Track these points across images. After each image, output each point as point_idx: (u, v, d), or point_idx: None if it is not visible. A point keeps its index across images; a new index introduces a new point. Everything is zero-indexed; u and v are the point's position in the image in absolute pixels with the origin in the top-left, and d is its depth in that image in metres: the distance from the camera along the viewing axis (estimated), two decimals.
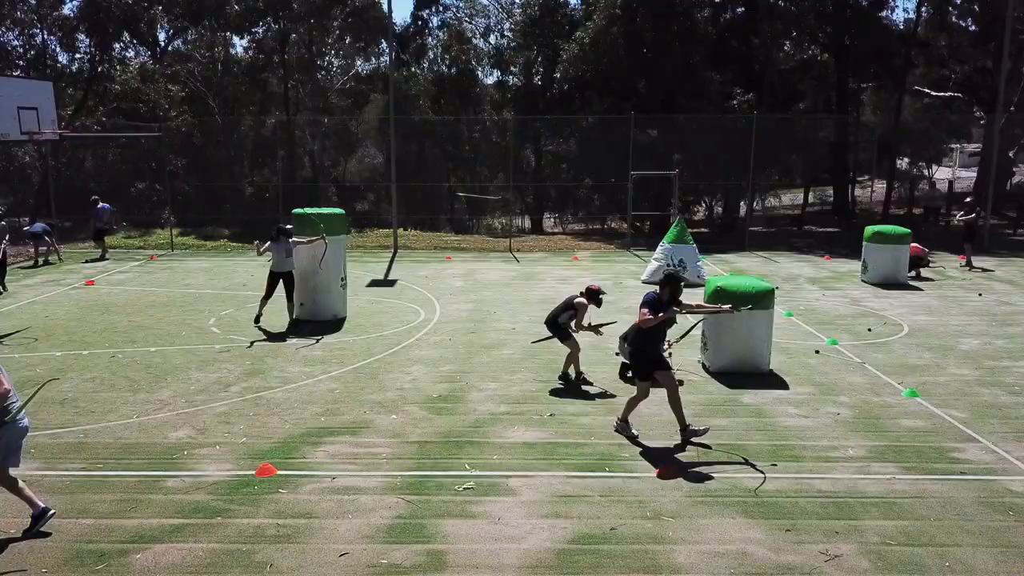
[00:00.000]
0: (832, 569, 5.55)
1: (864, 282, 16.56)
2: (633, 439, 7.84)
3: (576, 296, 9.80)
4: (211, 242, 23.03)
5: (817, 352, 11.16)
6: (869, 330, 12.49)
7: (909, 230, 16.50)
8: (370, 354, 11.03)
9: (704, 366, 10.37)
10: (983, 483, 6.96)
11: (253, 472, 7.08)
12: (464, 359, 10.75)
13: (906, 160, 40.12)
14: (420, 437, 7.96)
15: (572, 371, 9.86)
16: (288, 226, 12.63)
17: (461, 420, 8.43)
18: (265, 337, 11.93)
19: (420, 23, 32.74)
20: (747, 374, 9.96)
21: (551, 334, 9.87)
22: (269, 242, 12.35)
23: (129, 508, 6.41)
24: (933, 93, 37.81)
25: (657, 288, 7.81)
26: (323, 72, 34.21)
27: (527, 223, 32.78)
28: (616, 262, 19.73)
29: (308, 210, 13.12)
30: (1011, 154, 36.01)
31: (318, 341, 11.73)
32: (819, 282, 16.86)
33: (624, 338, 10.02)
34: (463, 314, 13.60)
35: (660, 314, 7.46)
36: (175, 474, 7.07)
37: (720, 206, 33.84)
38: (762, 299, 9.85)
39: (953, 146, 47.53)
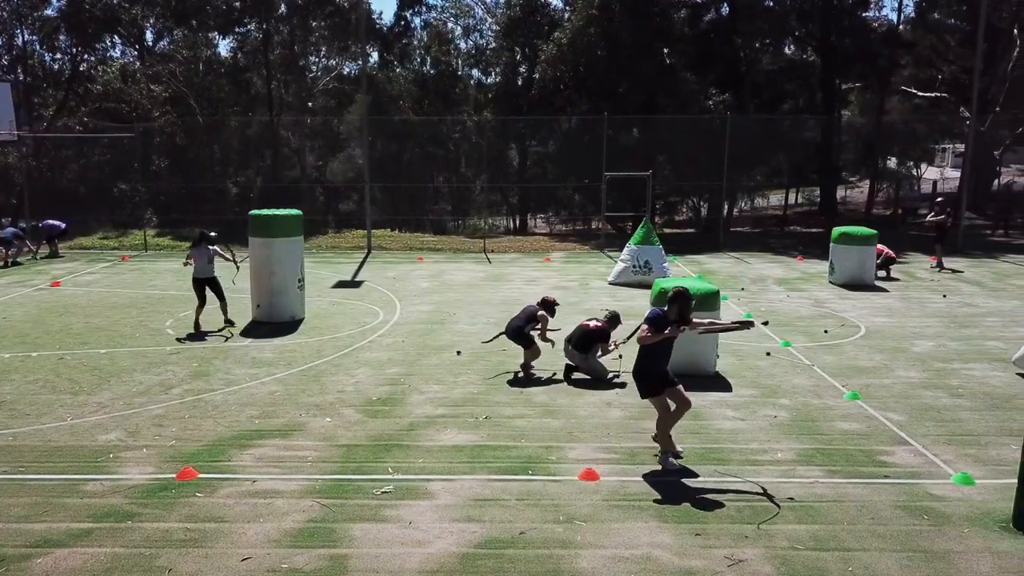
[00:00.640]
0: (733, 574, 5.53)
1: (831, 283, 16.53)
2: (677, 456, 7.39)
3: (535, 308, 10.19)
4: (186, 243, 22.92)
5: (768, 354, 11.13)
6: (825, 332, 12.46)
7: (875, 231, 16.46)
8: (319, 356, 11.01)
9: None
10: (905, 487, 6.93)
11: (174, 475, 7.05)
12: (412, 361, 10.73)
13: (894, 160, 40.15)
14: (350, 440, 7.93)
15: (523, 371, 9.96)
16: (212, 233, 12.59)
17: (395, 423, 8.40)
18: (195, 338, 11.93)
19: (403, 24, 32.71)
20: (692, 376, 9.92)
21: (511, 339, 10.09)
22: (191, 248, 12.41)
23: (41, 512, 6.39)
24: (920, 93, 37.78)
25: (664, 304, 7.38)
26: (309, 72, 34.22)
27: (514, 223, 32.80)
28: (587, 263, 19.70)
29: (264, 211, 13.09)
30: (997, 154, 35.99)
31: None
32: (787, 283, 16.84)
33: (569, 340, 10.07)
34: (422, 316, 13.58)
35: (666, 331, 6.99)
36: (95, 477, 7.04)
37: (705, 207, 33.89)
38: (705, 301, 9.82)
39: (945, 146, 47.60)
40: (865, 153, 35.55)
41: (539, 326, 10.11)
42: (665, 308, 7.24)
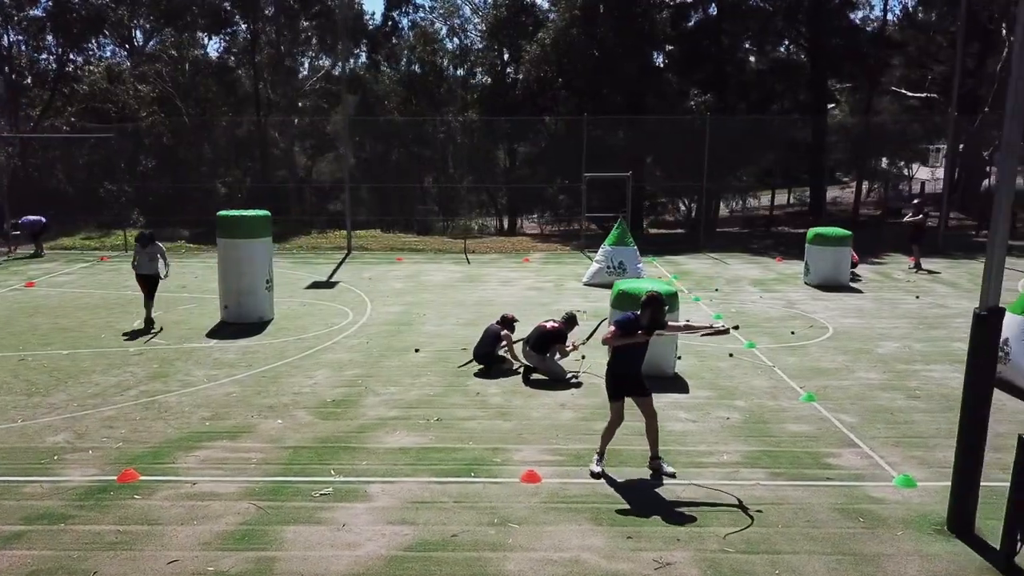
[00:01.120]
0: None
1: (807, 284, 16.51)
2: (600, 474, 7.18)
3: (497, 328, 10.33)
4: (168, 243, 22.90)
5: (731, 355, 11.12)
6: (792, 333, 12.45)
7: (850, 232, 16.45)
8: (281, 357, 11.00)
9: None
10: (846, 489, 6.92)
11: (115, 477, 7.04)
12: (373, 363, 10.71)
13: (884, 161, 40.14)
14: (297, 442, 7.92)
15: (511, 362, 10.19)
16: (149, 232, 13.15)
17: (345, 425, 8.39)
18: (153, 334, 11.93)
19: (391, 24, 32.70)
20: (651, 378, 9.89)
21: (482, 365, 10.20)
22: (136, 246, 12.79)
23: None
24: (910, 94, 37.80)
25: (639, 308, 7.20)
26: (298, 72, 34.20)
27: (500, 223, 32.79)
28: (566, 264, 19.68)
29: (232, 212, 13.08)
30: (986, 155, 35.99)
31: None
32: (763, 284, 16.82)
33: (526, 341, 10.07)
34: (391, 317, 13.56)
35: (634, 336, 6.87)
36: (36, 480, 7.03)
37: (694, 207, 33.90)
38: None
39: (939, 146, 47.61)
40: (854, 153, 35.55)
41: (504, 345, 10.26)
42: (638, 312, 7.15)
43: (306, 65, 34.42)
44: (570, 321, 10.17)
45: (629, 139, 26.46)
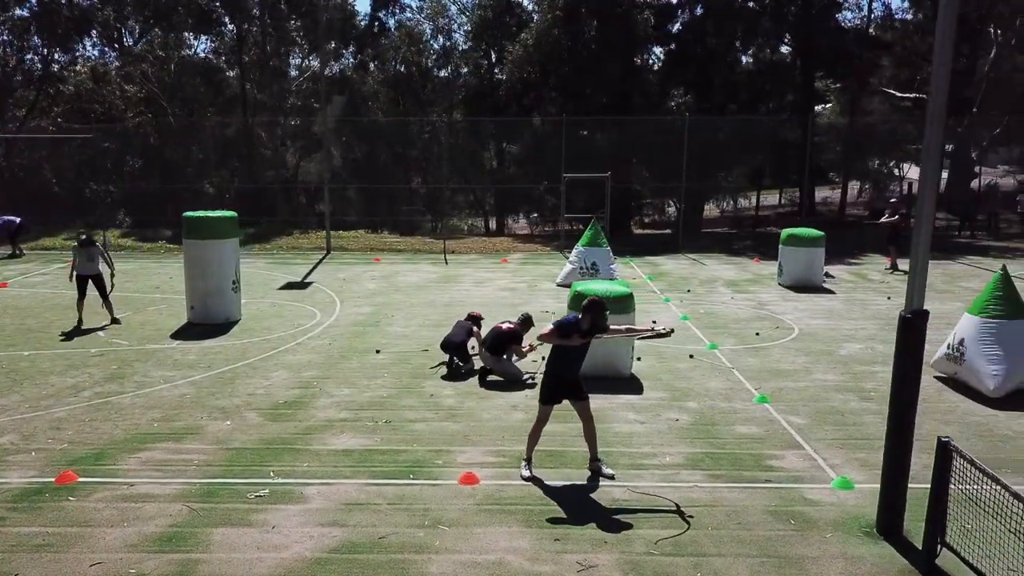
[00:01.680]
0: None
1: (780, 285, 16.51)
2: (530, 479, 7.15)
3: (468, 324, 10.55)
4: (147, 244, 22.98)
5: (691, 356, 11.12)
6: (757, 334, 12.45)
7: (823, 233, 16.44)
8: (242, 358, 10.99)
9: None
10: (782, 491, 6.92)
11: (53, 479, 7.03)
12: (332, 364, 10.70)
13: (875, 161, 40.16)
14: (242, 444, 7.91)
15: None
16: (83, 235, 13.19)
17: (293, 427, 8.39)
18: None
19: (377, 24, 32.69)
20: (607, 379, 9.92)
21: (453, 358, 10.22)
22: (73, 249, 12.95)
23: None
24: (899, 94, 37.82)
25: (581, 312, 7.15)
26: (285, 72, 34.19)
27: (486, 224, 32.79)
28: (543, 264, 19.68)
29: (198, 213, 13.08)
30: (974, 155, 35.98)
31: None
32: (736, 285, 16.82)
33: (483, 343, 10.08)
34: (359, 317, 13.56)
35: (571, 338, 6.84)
36: None
37: (683, 207, 33.88)
38: (617, 303, 9.80)
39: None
40: (842, 154, 35.57)
41: (474, 339, 10.49)
42: (580, 315, 7.12)
43: (294, 65, 34.36)
44: (526, 322, 10.18)
45: (614, 140, 26.45)
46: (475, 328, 10.54)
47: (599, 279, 15.78)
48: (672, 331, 7.36)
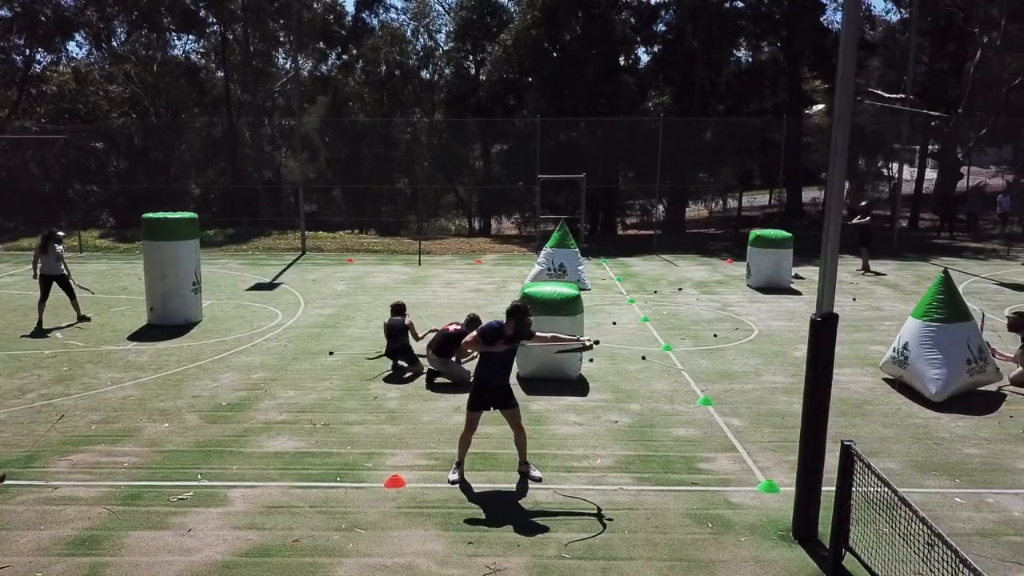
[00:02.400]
0: None
1: (749, 286, 16.51)
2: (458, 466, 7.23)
3: (399, 320, 10.47)
4: (124, 244, 22.97)
5: (643, 358, 11.12)
6: (715, 335, 12.45)
7: (791, 235, 16.45)
8: (194, 360, 10.99)
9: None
10: (707, 494, 6.92)
11: None
12: (283, 366, 10.70)
13: (863, 162, 40.21)
14: (176, 446, 7.91)
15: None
16: (60, 233, 13.13)
17: (231, 429, 8.38)
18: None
19: (360, 25, 32.69)
20: (556, 380, 9.93)
21: (399, 360, 10.35)
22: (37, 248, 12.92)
23: None
24: (886, 95, 37.87)
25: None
26: (271, 72, 34.20)
27: (470, 224, 32.81)
28: (516, 265, 19.67)
29: (158, 214, 13.08)
30: (960, 155, 35.99)
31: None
32: (705, 286, 16.83)
33: (430, 345, 10.08)
34: (320, 319, 13.56)
35: (492, 345, 6.84)
36: None
37: (656, 208, 33.95)
38: (564, 305, 9.81)
39: (915, 147, 47.60)
40: (827, 154, 35.57)
41: (410, 331, 10.46)
42: (503, 321, 7.09)
43: (278, 66, 34.34)
44: (472, 323, 10.16)
45: (596, 140, 26.47)
46: (407, 319, 10.45)
47: (566, 280, 15.84)
48: (596, 343, 7.36)
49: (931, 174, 44.98)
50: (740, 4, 32.47)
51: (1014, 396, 9.54)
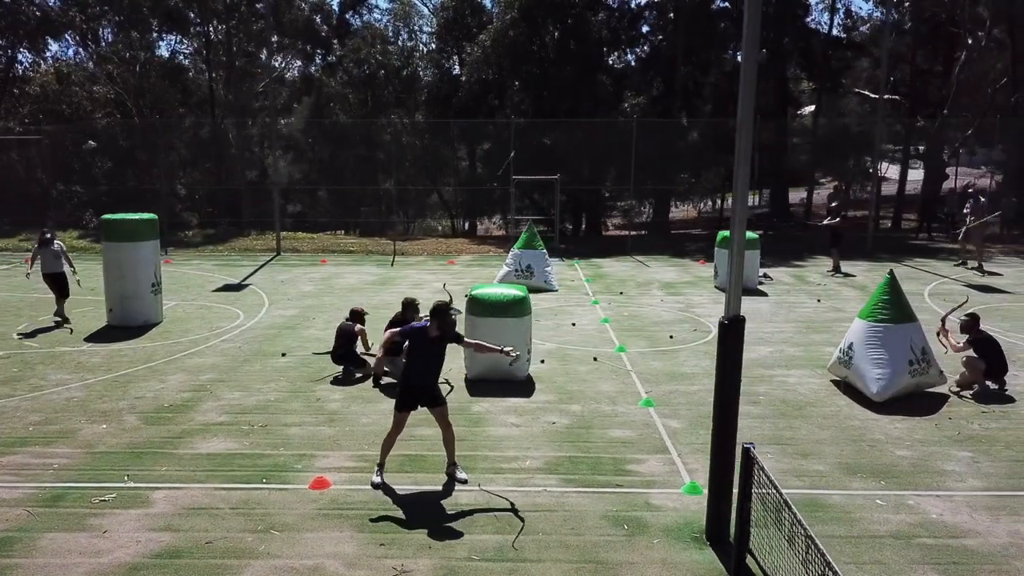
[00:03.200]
0: None
1: (716, 287, 16.52)
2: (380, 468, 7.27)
3: (349, 324, 10.45)
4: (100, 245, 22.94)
5: (595, 359, 11.13)
6: (671, 336, 12.46)
7: (757, 235, 16.46)
8: (146, 361, 11.00)
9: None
10: (630, 496, 6.93)
11: None
12: (234, 367, 10.71)
13: (852, 161, 40.20)
14: (109, 448, 7.92)
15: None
16: (47, 234, 13.24)
17: (168, 431, 8.39)
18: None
19: (344, 26, 32.70)
20: (502, 382, 9.94)
21: (343, 365, 10.31)
22: (36, 247, 13.03)
23: None
24: (873, 95, 37.88)
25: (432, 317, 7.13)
26: (255, 72, 34.21)
27: (453, 224, 32.81)
28: (490, 266, 19.66)
29: (117, 215, 13.10)
30: (945, 156, 36.00)
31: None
32: (672, 287, 16.84)
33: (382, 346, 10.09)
34: (280, 320, 13.57)
35: (404, 344, 7.02)
36: None
37: (649, 209, 33.98)
38: (511, 307, 9.83)
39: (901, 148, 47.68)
40: (811, 155, 35.62)
41: (362, 341, 10.40)
42: (430, 322, 7.09)
43: (262, 65, 34.32)
44: (408, 306, 10.20)
45: (576, 141, 26.49)
46: (359, 327, 10.36)
47: (532, 282, 15.89)
48: (518, 355, 7.41)
49: (920, 175, 45.06)
50: (725, 4, 32.52)
51: (956, 399, 9.55)
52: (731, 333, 5.91)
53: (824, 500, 6.88)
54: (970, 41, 32.81)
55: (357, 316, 10.49)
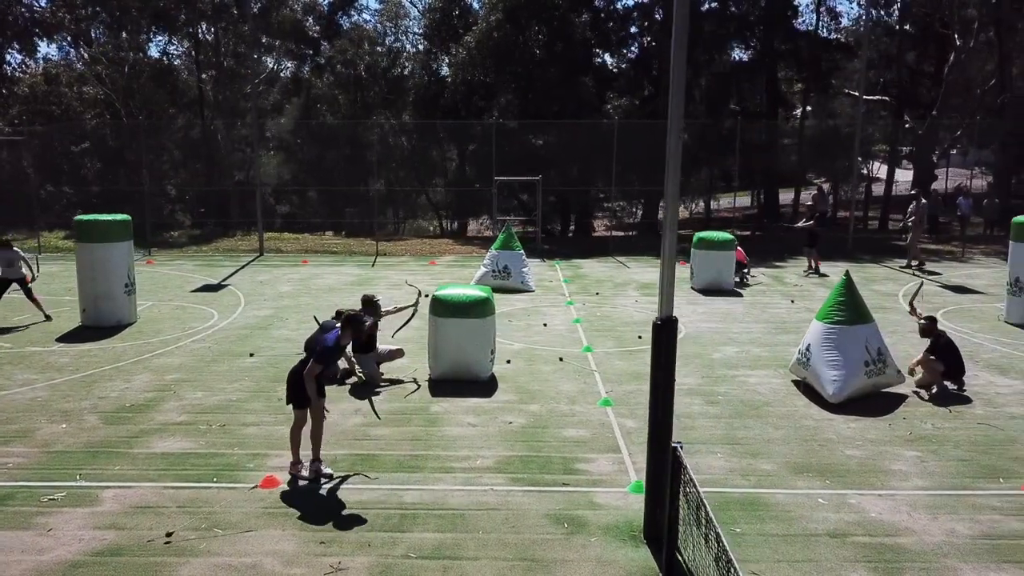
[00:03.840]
0: None
1: (692, 288, 16.59)
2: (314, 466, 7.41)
3: (332, 323, 10.41)
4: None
5: (561, 359, 11.21)
6: (639, 337, 12.52)
7: (732, 237, 16.54)
8: (114, 361, 11.07)
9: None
10: (576, 495, 7.00)
11: None
12: (201, 367, 10.78)
13: (846, 162, 40.28)
14: (66, 447, 7.99)
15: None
16: (6, 238, 13.44)
17: (127, 430, 8.46)
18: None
19: (333, 28, 32.79)
20: (465, 382, 10.01)
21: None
22: None
23: None
24: (865, 97, 37.94)
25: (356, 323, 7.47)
26: (244, 72, 34.29)
27: (441, 225, 32.90)
28: (470, 267, 19.72)
29: (90, 216, 13.17)
30: (935, 157, 36.10)
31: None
32: (648, 288, 16.91)
33: (356, 349, 10.18)
34: (254, 320, 13.64)
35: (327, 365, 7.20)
36: None
37: (639, 211, 34.11)
38: (473, 308, 9.90)
39: (902, 148, 47.82)
40: (798, 156, 35.74)
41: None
42: (341, 331, 7.29)
43: (251, 66, 34.41)
44: (367, 304, 10.31)
45: (563, 143, 26.58)
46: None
47: (510, 282, 15.99)
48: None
49: (907, 175, 45.16)
50: (714, 5, 32.63)
51: (914, 399, 9.63)
52: (664, 334, 5.98)
53: (767, 499, 6.95)
54: (959, 42, 32.94)
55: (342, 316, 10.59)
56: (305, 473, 7.29)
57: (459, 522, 6.48)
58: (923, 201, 19.70)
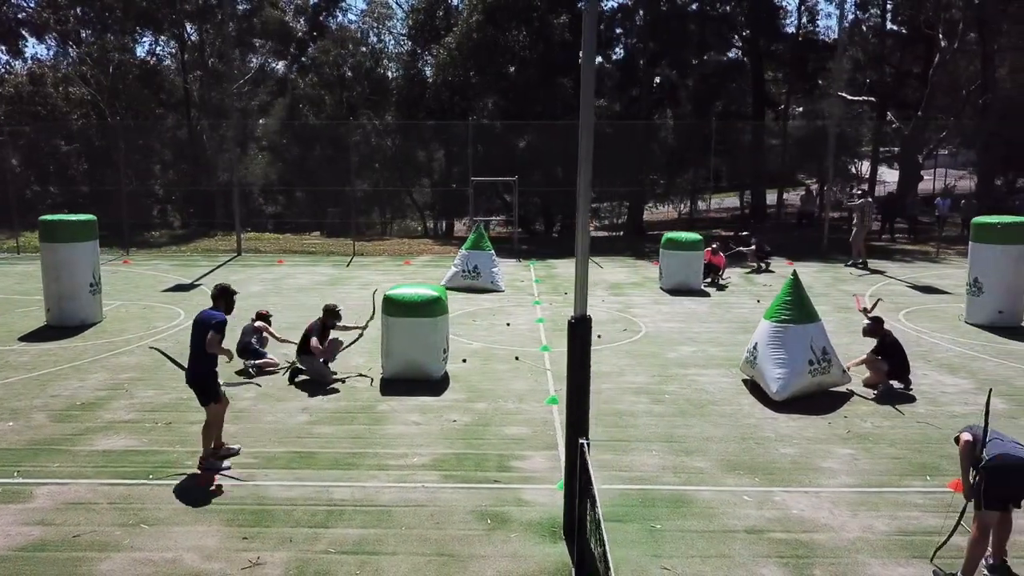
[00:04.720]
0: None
1: (661, 288, 16.68)
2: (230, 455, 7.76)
3: (250, 325, 11.06)
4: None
5: (517, 359, 11.30)
6: (599, 336, 12.57)
7: (700, 237, 16.63)
8: (73, 360, 11.15)
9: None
10: (504, 492, 7.09)
11: None
12: (156, 367, 10.83)
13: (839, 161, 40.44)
14: (10, 445, 8.07)
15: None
16: None
17: (72, 428, 8.55)
18: None
19: (318, 27, 32.88)
20: (417, 381, 10.09)
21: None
22: None
23: None
24: (850, 98, 38.10)
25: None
26: (231, 73, 34.35)
27: (424, 226, 32.97)
28: (444, 267, 19.76)
29: (54, 216, 13.26)
30: (921, 159, 36.17)
31: None
32: (618, 288, 17.00)
33: (298, 345, 10.28)
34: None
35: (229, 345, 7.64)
36: None
37: (624, 212, 34.20)
38: (424, 307, 9.99)
39: (890, 149, 47.91)
40: (782, 157, 35.85)
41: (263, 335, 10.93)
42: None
43: (236, 67, 34.50)
44: (329, 313, 10.42)
45: (544, 143, 26.67)
46: (259, 323, 10.97)
47: (480, 281, 16.08)
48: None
49: (892, 175, 45.22)
50: (701, 5, 32.74)
51: (857, 398, 9.71)
52: (578, 332, 6.06)
53: (693, 496, 7.03)
54: (944, 43, 33.03)
55: (262, 317, 11.02)
56: (226, 463, 7.52)
57: (384, 518, 6.57)
58: (868, 199, 19.93)
